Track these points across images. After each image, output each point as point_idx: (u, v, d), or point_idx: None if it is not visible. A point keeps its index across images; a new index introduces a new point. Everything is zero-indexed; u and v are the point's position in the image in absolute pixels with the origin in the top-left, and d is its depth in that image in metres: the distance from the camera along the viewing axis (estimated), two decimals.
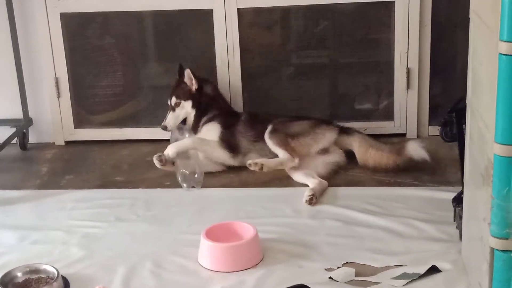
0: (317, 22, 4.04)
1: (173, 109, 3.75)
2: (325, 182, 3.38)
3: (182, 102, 3.75)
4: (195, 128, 3.76)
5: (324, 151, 3.60)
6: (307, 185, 3.36)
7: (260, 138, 3.63)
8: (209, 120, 3.75)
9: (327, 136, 3.62)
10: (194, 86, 3.76)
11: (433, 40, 3.88)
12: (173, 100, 3.76)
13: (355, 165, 3.64)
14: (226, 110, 3.84)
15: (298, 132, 3.58)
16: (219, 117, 3.73)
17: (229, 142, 3.64)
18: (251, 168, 3.37)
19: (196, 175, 3.45)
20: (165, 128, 3.75)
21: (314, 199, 3.21)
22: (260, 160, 3.39)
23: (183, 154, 3.50)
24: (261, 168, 3.36)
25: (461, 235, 2.68)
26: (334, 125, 3.71)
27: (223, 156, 3.62)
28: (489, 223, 2.07)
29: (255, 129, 3.69)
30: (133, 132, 4.10)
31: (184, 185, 3.45)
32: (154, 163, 3.54)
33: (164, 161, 3.51)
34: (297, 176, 3.47)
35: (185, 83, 3.77)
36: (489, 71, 2.05)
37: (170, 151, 3.51)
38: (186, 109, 3.76)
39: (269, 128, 3.60)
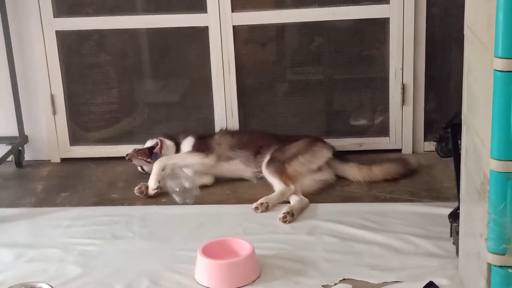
0: (312, 39, 4.05)
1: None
2: (306, 200, 3.38)
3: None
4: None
5: (318, 168, 3.61)
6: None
7: (244, 146, 3.71)
8: (186, 136, 3.85)
9: (325, 153, 3.63)
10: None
11: (428, 56, 3.90)
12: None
13: (351, 181, 3.65)
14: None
15: (296, 152, 3.58)
16: (194, 133, 3.86)
17: (199, 147, 3.71)
18: (258, 211, 3.34)
19: (192, 190, 3.48)
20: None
21: (288, 217, 3.21)
22: (263, 200, 3.37)
23: (167, 178, 3.55)
24: (267, 207, 3.35)
25: (458, 251, 2.68)
26: (329, 144, 3.73)
27: (197, 160, 3.66)
28: (486, 238, 2.08)
29: (237, 138, 3.78)
30: (129, 149, 4.08)
31: (177, 199, 3.48)
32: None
33: (146, 192, 3.57)
34: None
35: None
36: (484, 87, 2.06)
37: (151, 185, 3.58)
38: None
39: (267, 158, 3.61)
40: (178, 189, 3.48)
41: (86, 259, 2.96)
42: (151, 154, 3.76)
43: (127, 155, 3.80)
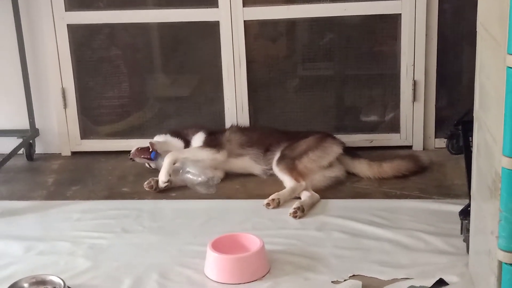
0: (323, 34, 4.05)
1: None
2: (316, 196, 3.38)
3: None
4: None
5: (328, 165, 3.60)
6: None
7: (254, 144, 3.71)
8: (196, 131, 3.84)
9: (335, 149, 3.63)
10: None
11: (439, 52, 3.89)
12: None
13: (361, 178, 3.64)
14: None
15: (306, 149, 3.58)
16: (203, 128, 3.85)
17: (210, 143, 3.71)
18: (270, 207, 3.33)
19: (214, 179, 3.55)
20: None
21: (298, 213, 3.21)
22: (275, 196, 3.36)
23: (177, 171, 3.58)
24: (279, 203, 3.35)
25: (468, 248, 2.67)
26: (339, 140, 3.72)
27: (208, 155, 3.66)
28: (497, 236, 2.07)
29: (247, 135, 3.78)
30: (139, 143, 4.08)
31: (201, 189, 3.53)
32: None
33: (155, 186, 3.57)
34: None
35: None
36: (497, 84, 2.05)
37: (162, 178, 3.57)
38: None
39: (277, 155, 3.61)
40: (200, 179, 3.51)
41: (96, 252, 2.97)
42: (151, 153, 3.77)
43: (129, 154, 3.81)
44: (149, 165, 3.87)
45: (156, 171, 3.69)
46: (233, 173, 3.74)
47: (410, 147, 4.02)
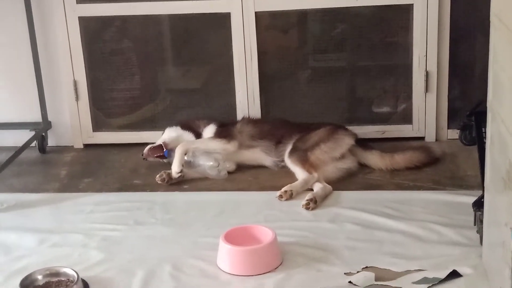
0: (334, 25, 4.03)
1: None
2: (329, 187, 3.38)
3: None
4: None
5: (340, 156, 3.59)
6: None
7: (265, 136, 3.71)
8: (207, 123, 3.85)
9: (347, 141, 3.62)
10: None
11: (452, 42, 3.87)
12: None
13: (374, 169, 3.63)
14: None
15: (318, 140, 3.57)
16: (215, 120, 3.86)
17: (220, 134, 3.72)
18: (283, 199, 3.32)
19: (225, 163, 3.61)
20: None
21: (311, 204, 3.21)
22: (287, 188, 3.36)
23: (189, 163, 3.60)
24: (291, 195, 3.34)
25: (481, 240, 2.66)
26: (351, 131, 3.71)
27: (219, 145, 3.66)
28: (511, 228, 2.06)
29: (258, 127, 3.78)
30: (151, 136, 4.09)
31: (213, 174, 3.58)
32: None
33: (167, 179, 3.57)
34: None
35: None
36: (511, 74, 2.03)
37: (175, 169, 3.58)
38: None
39: (289, 147, 3.61)
40: (211, 163, 3.55)
41: (109, 244, 2.98)
42: (164, 152, 3.77)
43: (142, 154, 3.82)
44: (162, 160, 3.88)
45: (168, 164, 3.70)
46: (245, 165, 3.74)
47: (422, 138, 4.01)
